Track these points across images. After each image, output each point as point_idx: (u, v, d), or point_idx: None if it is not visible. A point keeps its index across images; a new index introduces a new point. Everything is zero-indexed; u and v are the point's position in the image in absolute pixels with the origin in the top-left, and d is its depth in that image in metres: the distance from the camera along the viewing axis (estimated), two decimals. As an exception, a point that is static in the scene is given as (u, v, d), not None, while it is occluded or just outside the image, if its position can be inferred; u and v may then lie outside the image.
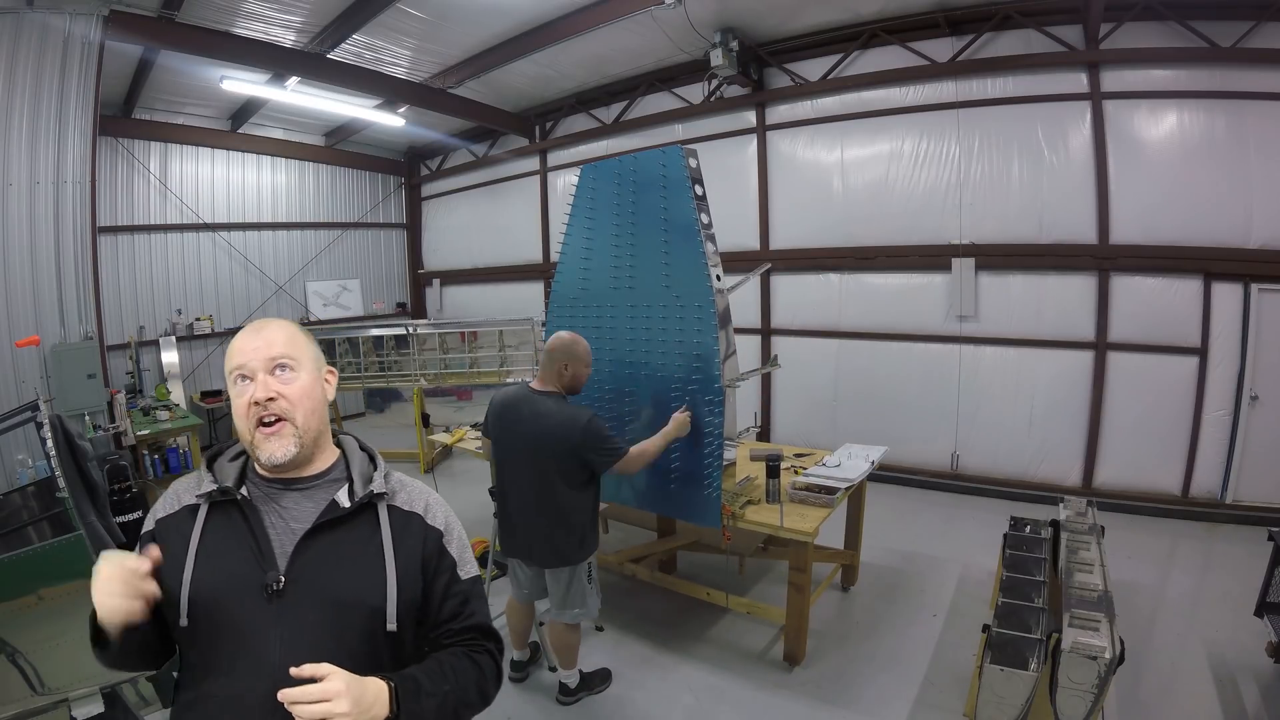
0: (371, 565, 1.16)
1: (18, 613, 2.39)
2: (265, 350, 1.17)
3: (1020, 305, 5.67)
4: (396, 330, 7.87)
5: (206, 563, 1.11)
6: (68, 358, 5.17)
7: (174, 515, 1.18)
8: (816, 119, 6.53)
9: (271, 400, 1.15)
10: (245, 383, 1.16)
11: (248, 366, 1.16)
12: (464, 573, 1.27)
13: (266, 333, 1.20)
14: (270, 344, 1.18)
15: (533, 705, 3.15)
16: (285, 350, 1.18)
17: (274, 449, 1.14)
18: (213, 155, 8.64)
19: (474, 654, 1.23)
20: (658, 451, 2.99)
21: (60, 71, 5.06)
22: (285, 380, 1.17)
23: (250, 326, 1.22)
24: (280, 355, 1.17)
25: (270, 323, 1.23)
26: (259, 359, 1.16)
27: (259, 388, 1.15)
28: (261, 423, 1.15)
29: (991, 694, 2.34)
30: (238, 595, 1.10)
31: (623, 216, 3.40)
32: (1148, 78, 5.06)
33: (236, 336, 1.20)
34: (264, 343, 1.18)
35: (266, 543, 1.13)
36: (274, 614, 1.09)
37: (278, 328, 1.21)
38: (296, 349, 1.20)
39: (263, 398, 1.14)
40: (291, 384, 1.17)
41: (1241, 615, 3.40)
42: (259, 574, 1.10)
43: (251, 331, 1.20)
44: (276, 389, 1.16)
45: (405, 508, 1.25)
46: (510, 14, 5.84)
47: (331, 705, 0.95)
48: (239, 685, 1.06)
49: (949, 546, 4.72)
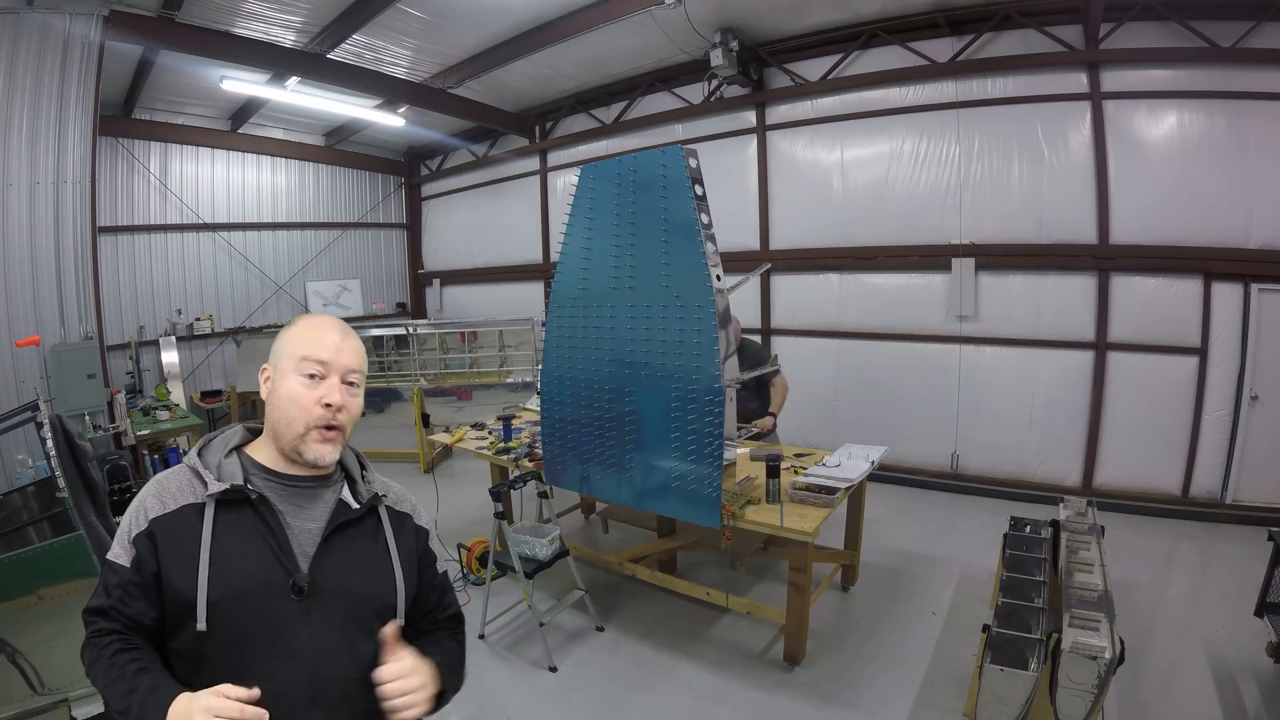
0: (381, 564, 1.22)
1: (18, 613, 2.39)
2: (349, 359, 1.18)
3: (1020, 305, 5.67)
4: (396, 330, 7.89)
5: (225, 564, 1.08)
6: (68, 358, 5.16)
7: (173, 515, 1.11)
8: (816, 119, 6.54)
9: (340, 410, 1.17)
10: (316, 379, 1.16)
11: (331, 365, 1.16)
12: (440, 567, 1.38)
13: (353, 341, 1.21)
14: (354, 353, 1.20)
15: (533, 705, 3.16)
16: (361, 366, 1.21)
17: (326, 452, 1.17)
18: (213, 155, 8.65)
19: (456, 636, 1.37)
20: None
21: (60, 71, 5.05)
22: (352, 394, 1.20)
23: (332, 323, 1.21)
24: (357, 369, 1.20)
25: (350, 331, 1.23)
26: (342, 364, 1.17)
27: (335, 391, 1.16)
28: (327, 425, 1.16)
29: (991, 694, 2.34)
30: (264, 596, 1.09)
31: (623, 217, 3.40)
32: (1148, 78, 5.06)
33: (313, 325, 1.20)
34: (351, 349, 1.19)
35: (286, 542, 1.13)
36: (302, 612, 1.10)
37: (357, 340, 1.23)
38: (364, 364, 1.23)
39: (339, 403, 1.16)
40: (355, 400, 1.21)
41: (1241, 615, 3.40)
42: (283, 574, 1.10)
43: (339, 332, 1.20)
44: (344, 399, 1.17)
45: (397, 508, 1.31)
46: (510, 14, 5.85)
47: (421, 679, 1.13)
48: (278, 684, 1.06)
49: (949, 546, 4.72)
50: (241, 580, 1.08)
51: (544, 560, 3.60)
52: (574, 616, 3.87)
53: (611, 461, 3.56)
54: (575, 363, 3.66)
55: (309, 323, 1.21)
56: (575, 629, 3.78)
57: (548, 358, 3.82)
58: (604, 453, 3.58)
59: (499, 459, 4.46)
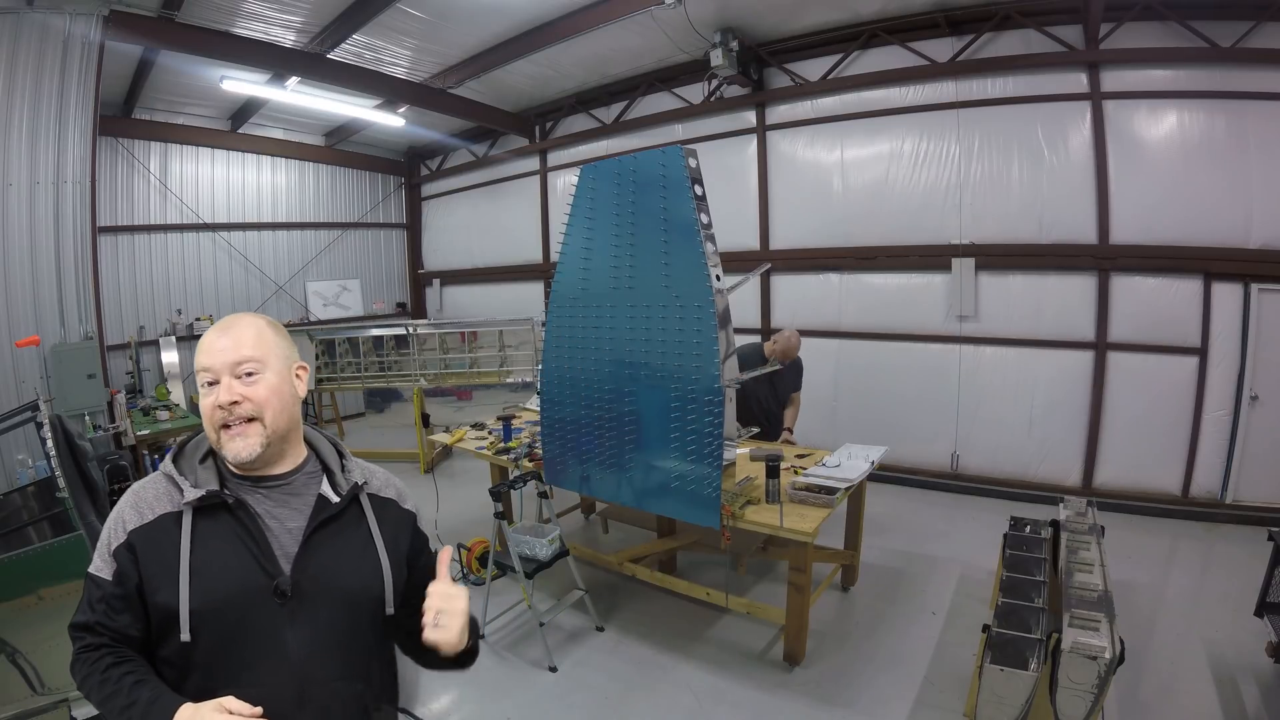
0: (367, 555, 1.21)
1: (18, 613, 2.39)
2: (231, 353, 1.15)
3: (1020, 305, 5.67)
4: (396, 330, 7.88)
5: (206, 572, 1.08)
6: (68, 358, 5.16)
7: (152, 525, 1.11)
8: (816, 119, 6.54)
9: (236, 404, 1.13)
10: (212, 385, 1.14)
11: (213, 369, 1.14)
12: (430, 547, 1.36)
13: (234, 332, 1.17)
14: (238, 345, 1.15)
15: (533, 705, 3.16)
16: (251, 352, 1.16)
17: (239, 448, 1.13)
18: (213, 155, 8.65)
19: None
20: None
21: (60, 71, 5.05)
22: (250, 382, 1.15)
23: (219, 325, 1.19)
24: (246, 358, 1.15)
25: (238, 321, 1.20)
26: (224, 362, 1.14)
27: (223, 391, 1.13)
28: (225, 425, 1.14)
29: (991, 694, 2.34)
30: (247, 602, 1.08)
31: (622, 217, 3.40)
32: (1148, 78, 5.06)
33: (205, 334, 1.18)
34: (231, 343, 1.15)
35: (266, 546, 1.12)
36: (287, 615, 1.10)
37: (245, 326, 1.19)
38: (263, 349, 1.18)
39: (226, 402, 1.13)
40: (257, 385, 1.15)
41: (1241, 615, 3.40)
42: (265, 578, 1.10)
43: (219, 331, 1.17)
44: (241, 392, 1.14)
45: (380, 494, 1.30)
46: (510, 14, 5.85)
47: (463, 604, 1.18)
48: (264, 689, 1.06)
49: (949, 546, 4.72)
50: (223, 587, 1.08)
51: (544, 560, 3.60)
52: (574, 616, 3.87)
53: (611, 461, 3.56)
54: (575, 363, 3.66)
55: (204, 335, 1.18)
56: (575, 629, 3.78)
57: (547, 358, 3.82)
58: (604, 453, 3.58)
59: (499, 459, 4.46)
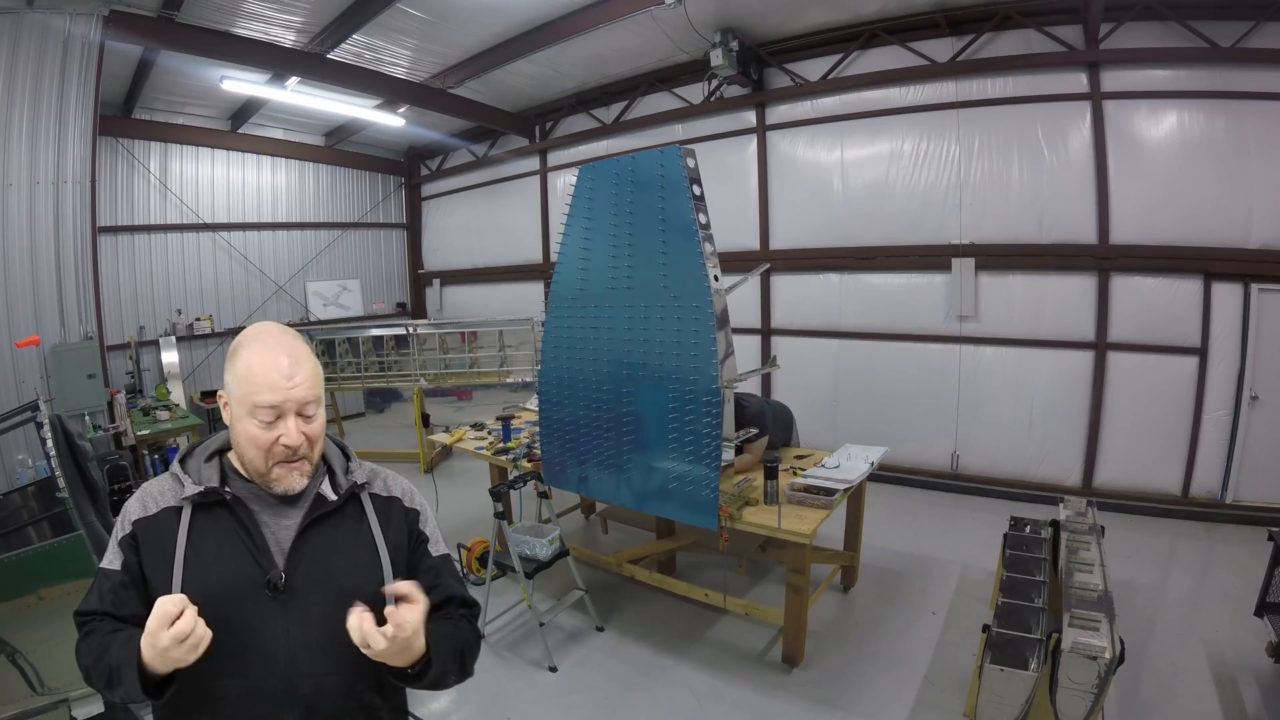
0: (365, 552, 1.21)
1: (18, 613, 2.39)
2: (302, 392, 1.14)
3: (1020, 305, 5.67)
4: (396, 330, 7.88)
5: (199, 565, 1.11)
6: (68, 358, 5.16)
7: (153, 518, 1.15)
8: (816, 119, 6.53)
9: (301, 444, 1.16)
10: (273, 422, 1.13)
11: (283, 407, 1.13)
12: (434, 550, 1.32)
13: (302, 371, 1.15)
14: (306, 386, 1.15)
15: (533, 705, 3.16)
16: (314, 392, 1.17)
17: (294, 482, 1.17)
18: (213, 155, 8.65)
19: (459, 620, 1.28)
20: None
21: (60, 71, 5.05)
22: (310, 421, 1.17)
23: (277, 349, 1.15)
24: (311, 398, 1.16)
25: (299, 355, 1.17)
26: (293, 401, 1.13)
27: (292, 434, 1.14)
28: (286, 460, 1.15)
29: (991, 694, 2.34)
30: (239, 595, 1.11)
31: (621, 217, 3.40)
32: (1148, 78, 5.06)
33: (260, 361, 1.13)
34: (301, 382, 1.14)
35: (262, 540, 1.15)
36: (279, 609, 1.11)
37: (302, 360, 1.17)
38: (319, 386, 1.19)
39: (297, 444, 1.14)
40: (314, 423, 1.18)
41: (1241, 615, 3.40)
42: (259, 572, 1.12)
43: (283, 361, 1.14)
44: (305, 431, 1.16)
45: (384, 493, 1.30)
46: (510, 14, 5.84)
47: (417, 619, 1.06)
48: (253, 682, 1.09)
49: (949, 546, 4.72)
50: (217, 579, 1.10)
51: (544, 560, 3.60)
52: (574, 617, 3.87)
53: (609, 462, 3.56)
54: (574, 363, 3.67)
55: (256, 358, 1.14)
56: (575, 629, 3.78)
57: (546, 358, 3.82)
58: (602, 453, 3.59)
59: (498, 459, 4.46)
